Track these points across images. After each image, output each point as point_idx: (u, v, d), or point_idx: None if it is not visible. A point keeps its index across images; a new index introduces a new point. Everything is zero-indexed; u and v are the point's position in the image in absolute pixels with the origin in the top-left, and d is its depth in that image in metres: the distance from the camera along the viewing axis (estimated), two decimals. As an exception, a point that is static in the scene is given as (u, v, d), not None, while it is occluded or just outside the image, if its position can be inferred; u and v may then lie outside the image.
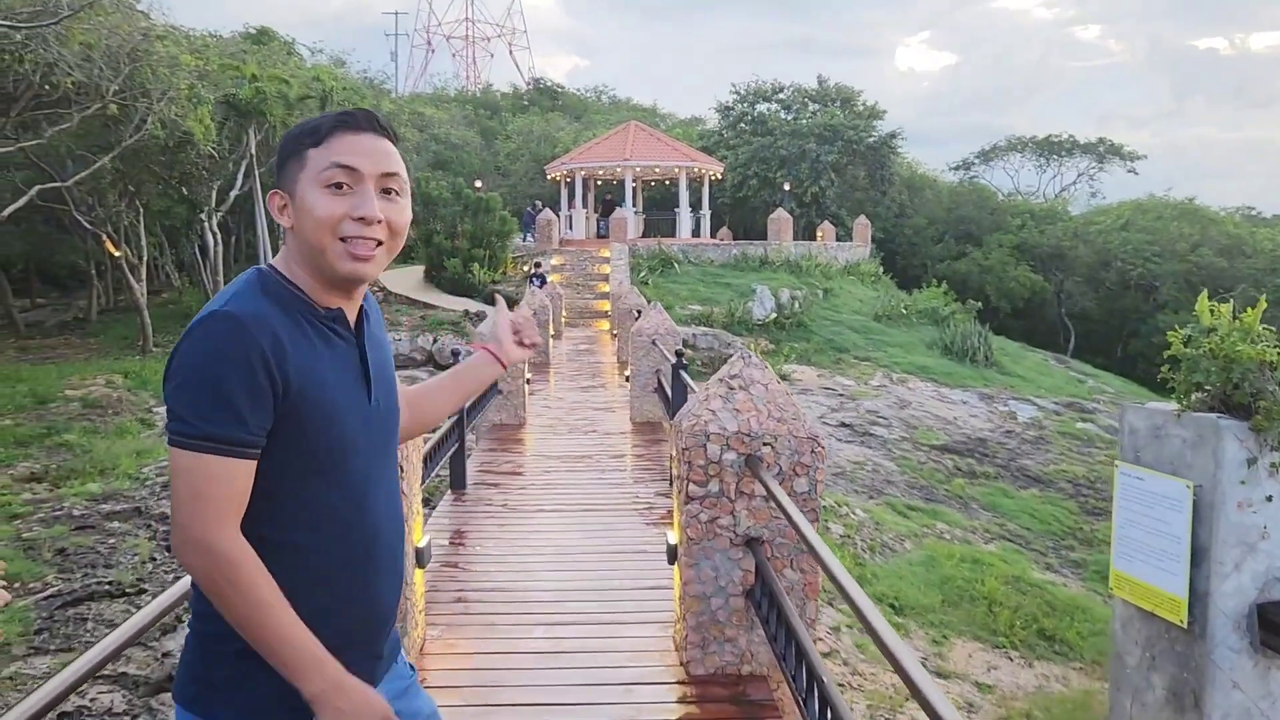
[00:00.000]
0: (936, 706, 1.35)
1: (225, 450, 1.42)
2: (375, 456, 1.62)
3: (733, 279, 26.03)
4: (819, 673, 2.21)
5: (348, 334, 1.61)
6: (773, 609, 2.87)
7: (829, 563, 1.99)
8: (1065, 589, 11.16)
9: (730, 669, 3.34)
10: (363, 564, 1.58)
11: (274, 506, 1.50)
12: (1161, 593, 4.05)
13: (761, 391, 3.28)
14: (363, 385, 1.61)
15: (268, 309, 1.49)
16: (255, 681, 1.49)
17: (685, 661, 3.39)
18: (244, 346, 1.42)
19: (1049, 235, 39.11)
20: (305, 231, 1.53)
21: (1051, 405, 19.32)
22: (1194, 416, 3.97)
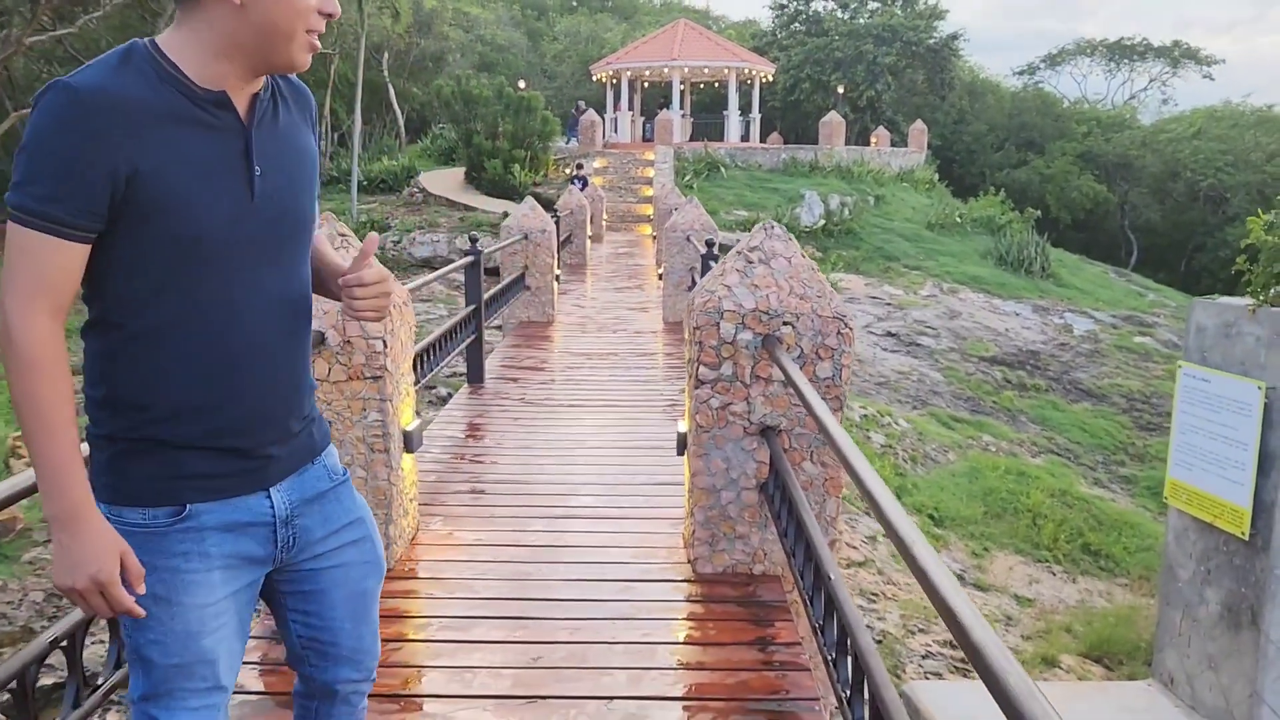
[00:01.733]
0: (942, 589, 1.06)
1: (41, 226, 1.35)
2: (258, 264, 1.51)
3: (781, 184, 25.32)
4: (826, 569, 1.94)
5: (231, 120, 1.47)
6: (784, 502, 2.59)
7: (847, 452, 1.70)
8: (1114, 504, 10.83)
9: (741, 568, 3.07)
10: (229, 362, 1.51)
11: (130, 296, 1.44)
12: (1223, 502, 3.73)
13: (784, 266, 2.94)
14: (244, 179, 1.48)
15: (124, 82, 1.38)
16: (122, 467, 1.50)
17: (693, 559, 3.13)
18: (77, 119, 1.33)
19: (1115, 144, 37.44)
20: (271, 15, 1.42)
21: (1109, 318, 18.65)
22: (1272, 312, 3.58)
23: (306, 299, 1.63)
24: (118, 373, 1.47)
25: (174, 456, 1.50)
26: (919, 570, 1.28)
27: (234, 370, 1.52)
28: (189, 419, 1.50)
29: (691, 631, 2.74)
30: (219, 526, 1.54)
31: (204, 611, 1.53)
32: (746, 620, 2.73)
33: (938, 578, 1.22)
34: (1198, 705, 3.87)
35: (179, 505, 1.50)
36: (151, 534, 1.50)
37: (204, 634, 1.54)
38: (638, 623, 2.83)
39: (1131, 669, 6.86)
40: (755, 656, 2.52)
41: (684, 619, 2.86)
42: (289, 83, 1.61)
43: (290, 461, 1.63)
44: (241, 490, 1.56)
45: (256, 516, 1.58)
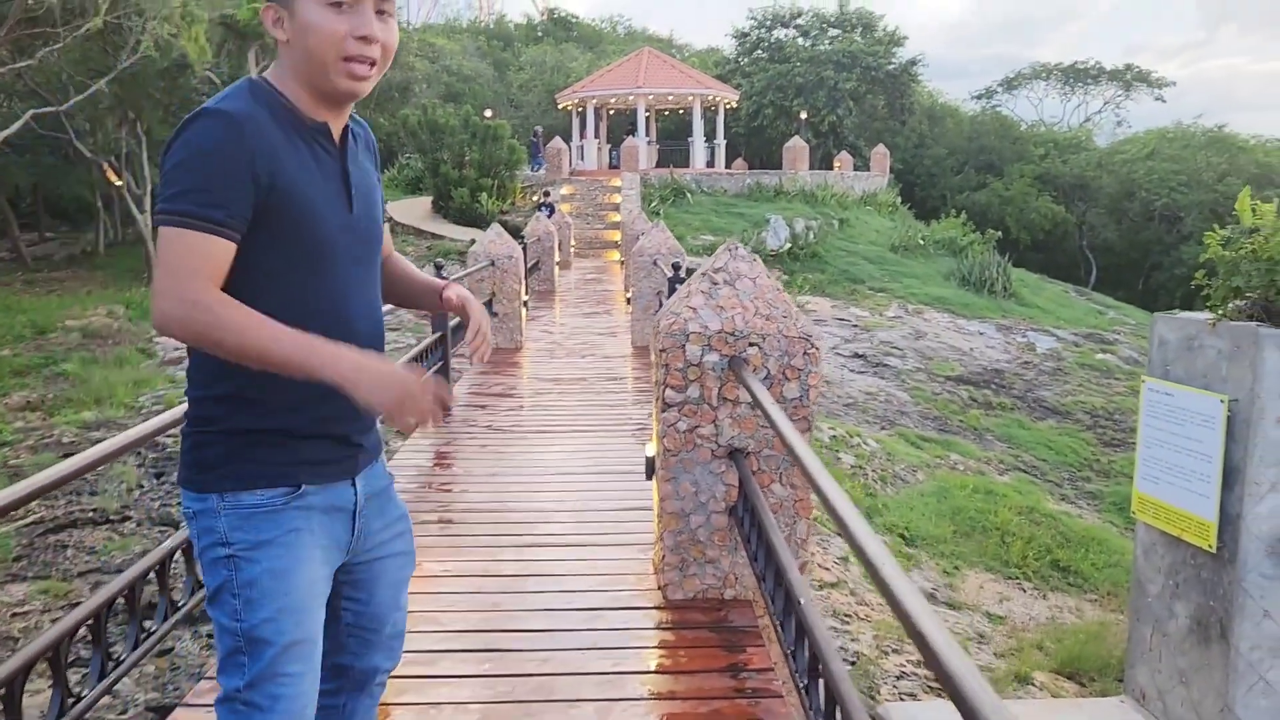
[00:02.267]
0: (913, 613, 1.04)
1: (203, 227, 1.52)
2: (355, 265, 1.73)
3: (746, 209, 25.52)
4: (796, 594, 1.91)
5: (331, 147, 1.70)
6: (754, 526, 2.57)
7: (814, 473, 1.68)
8: (1081, 520, 10.91)
9: (712, 593, 3.04)
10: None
11: (260, 297, 1.59)
12: (1189, 516, 3.75)
13: (749, 286, 2.93)
14: (344, 196, 1.71)
15: (258, 111, 1.60)
16: (243, 455, 1.66)
17: (663, 585, 3.09)
18: (231, 140, 1.54)
19: (1072, 165, 38.15)
20: (308, 48, 1.61)
21: (1070, 336, 18.90)
22: (1231, 325, 3.62)
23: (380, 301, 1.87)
24: (236, 371, 1.58)
25: (292, 444, 1.69)
26: (888, 593, 1.25)
27: None
28: (305, 408, 1.67)
29: (663, 660, 2.70)
30: (322, 508, 1.72)
31: (314, 588, 1.70)
32: (718, 646, 2.69)
33: (908, 601, 1.20)
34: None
35: (294, 485, 1.68)
36: (270, 511, 1.66)
37: (314, 609, 1.70)
38: (608, 652, 2.79)
39: (1103, 685, 6.89)
40: (727, 684, 2.48)
41: (655, 647, 2.81)
42: (358, 124, 1.82)
43: (368, 454, 1.83)
44: (339, 476, 1.76)
45: (346, 503, 1.77)
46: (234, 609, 1.64)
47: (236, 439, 1.67)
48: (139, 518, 7.70)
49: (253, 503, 1.65)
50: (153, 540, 7.29)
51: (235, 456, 1.67)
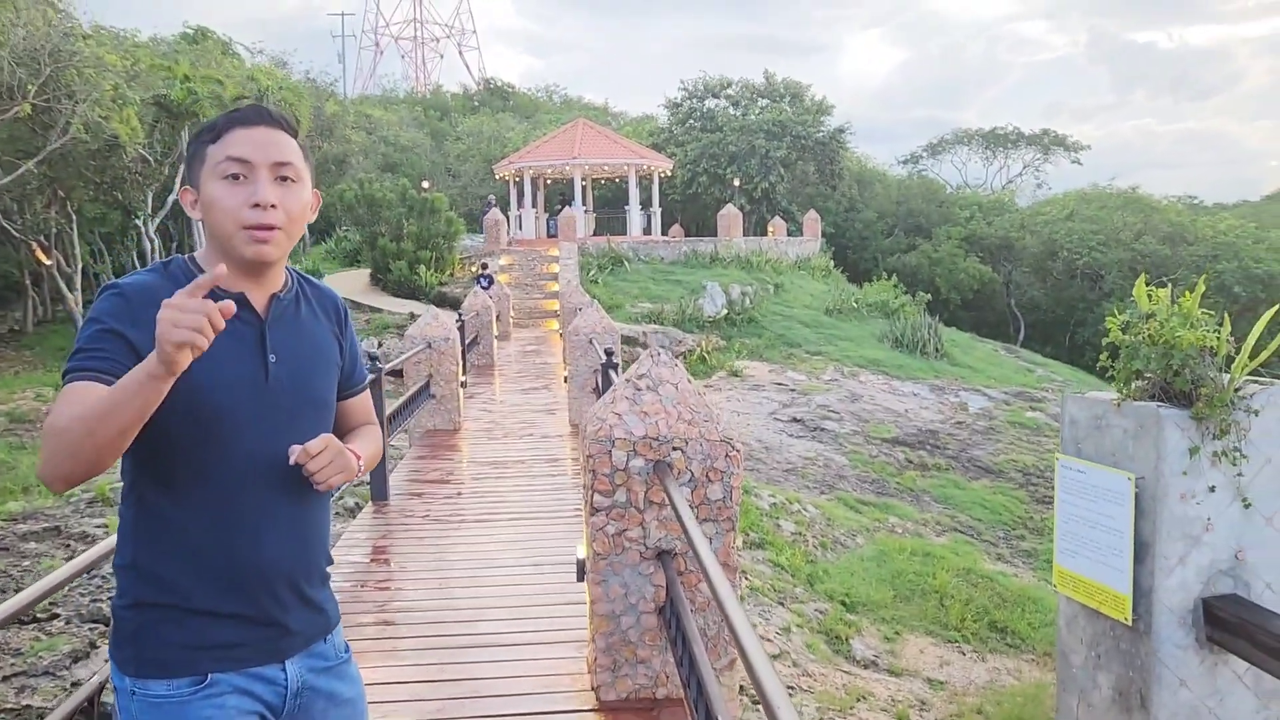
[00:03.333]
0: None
1: (79, 376, 1.55)
2: (271, 430, 1.68)
3: (683, 276, 25.86)
4: (715, 710, 1.98)
5: (250, 316, 1.71)
6: (679, 631, 2.63)
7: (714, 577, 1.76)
8: (1016, 579, 11.10)
9: (644, 692, 3.08)
10: (240, 530, 1.66)
11: (156, 467, 1.63)
12: (1106, 589, 3.89)
13: (671, 392, 3.03)
14: (259, 363, 1.70)
15: (160, 284, 1.64)
16: (149, 633, 1.63)
17: (596, 686, 3.13)
18: (115, 309, 1.61)
19: (997, 226, 39.45)
20: (213, 222, 1.68)
21: (1001, 395, 19.37)
22: (1134, 405, 3.80)
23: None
24: (140, 539, 1.63)
25: (195, 625, 1.63)
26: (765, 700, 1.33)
27: (246, 534, 1.66)
28: (206, 583, 1.64)
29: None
30: (237, 690, 1.66)
31: None
32: (650, 751, 2.74)
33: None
34: (1098, 790, 3.95)
35: (200, 675, 1.62)
36: (177, 704, 1.61)
37: None
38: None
39: (1042, 749, 7.00)
40: (659, 787, 2.53)
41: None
42: (314, 287, 1.87)
43: (305, 636, 1.76)
44: (259, 661, 1.68)
45: (271, 685, 1.70)
46: None
47: (144, 613, 1.64)
48: (68, 615, 7.47)
49: (159, 693, 1.61)
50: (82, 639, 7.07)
51: (143, 635, 1.64)
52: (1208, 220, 39.28)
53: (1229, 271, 33.24)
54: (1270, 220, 45.37)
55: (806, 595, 9.54)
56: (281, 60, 41.40)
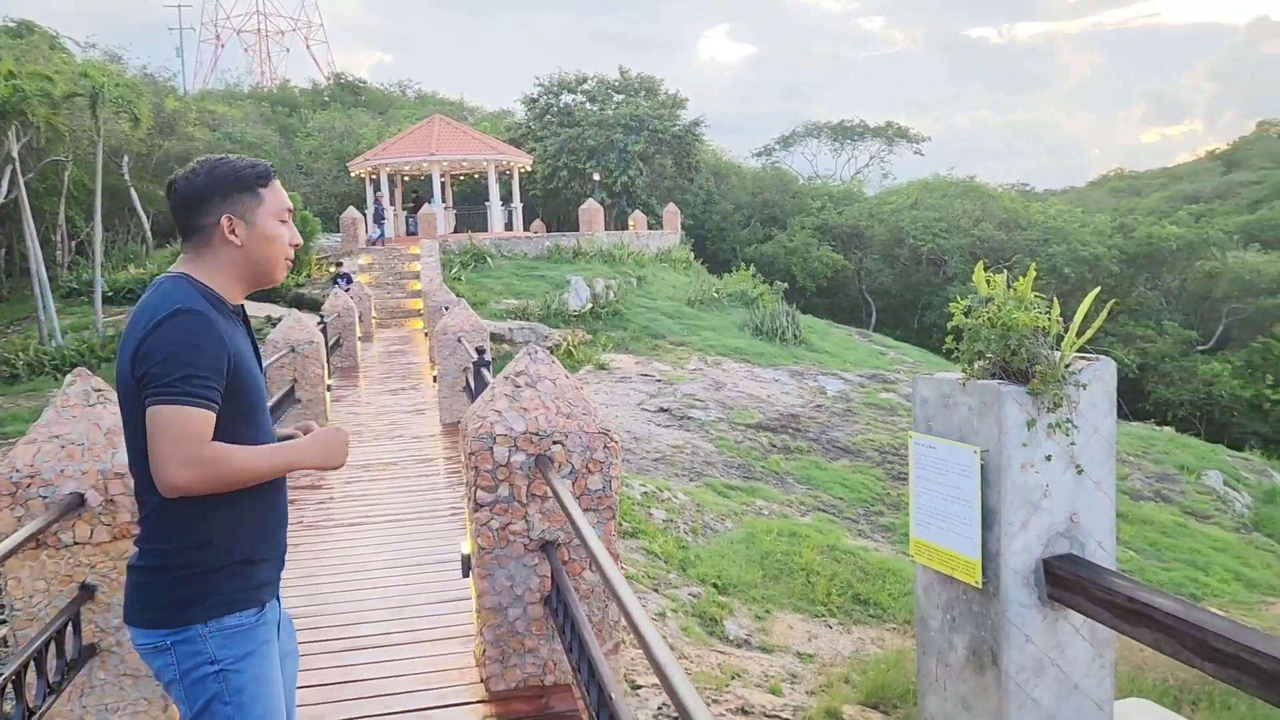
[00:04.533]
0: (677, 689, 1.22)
1: (201, 404, 1.96)
2: (266, 410, 2.22)
3: (547, 271, 25.85)
4: (607, 690, 2.07)
5: (244, 323, 2.21)
6: (567, 619, 2.72)
7: (603, 562, 1.86)
8: (877, 553, 11.62)
9: (533, 680, 3.15)
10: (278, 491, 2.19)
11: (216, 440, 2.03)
12: (957, 556, 4.15)
13: (550, 388, 3.11)
14: (256, 360, 2.21)
15: (207, 306, 2.05)
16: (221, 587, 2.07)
17: (485, 678, 3.18)
18: (209, 331, 2.00)
19: (847, 216, 40.95)
20: (262, 249, 2.15)
21: (857, 378, 20.16)
22: (977, 384, 4.06)
23: None
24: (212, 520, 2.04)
25: (252, 573, 2.12)
26: (660, 672, 1.43)
27: (277, 504, 2.19)
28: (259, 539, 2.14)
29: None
30: (273, 622, 2.19)
31: (279, 687, 2.15)
32: (541, 737, 2.82)
33: (677, 682, 1.38)
34: (957, 743, 4.21)
35: (259, 606, 2.14)
36: (247, 630, 2.08)
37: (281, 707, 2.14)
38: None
39: (905, 710, 7.38)
40: (550, 772, 2.60)
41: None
42: None
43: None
44: (275, 594, 2.22)
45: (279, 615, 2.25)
46: (227, 714, 2.02)
47: (214, 575, 2.06)
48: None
49: (232, 624, 2.05)
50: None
51: (216, 590, 2.05)
52: (1039, 206, 41.85)
53: (1059, 254, 35.52)
54: (1094, 205, 48.73)
55: (680, 580, 9.74)
56: (115, 55, 39.19)
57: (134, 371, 1.96)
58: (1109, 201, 55.40)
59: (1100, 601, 3.74)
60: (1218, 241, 38.21)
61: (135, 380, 1.96)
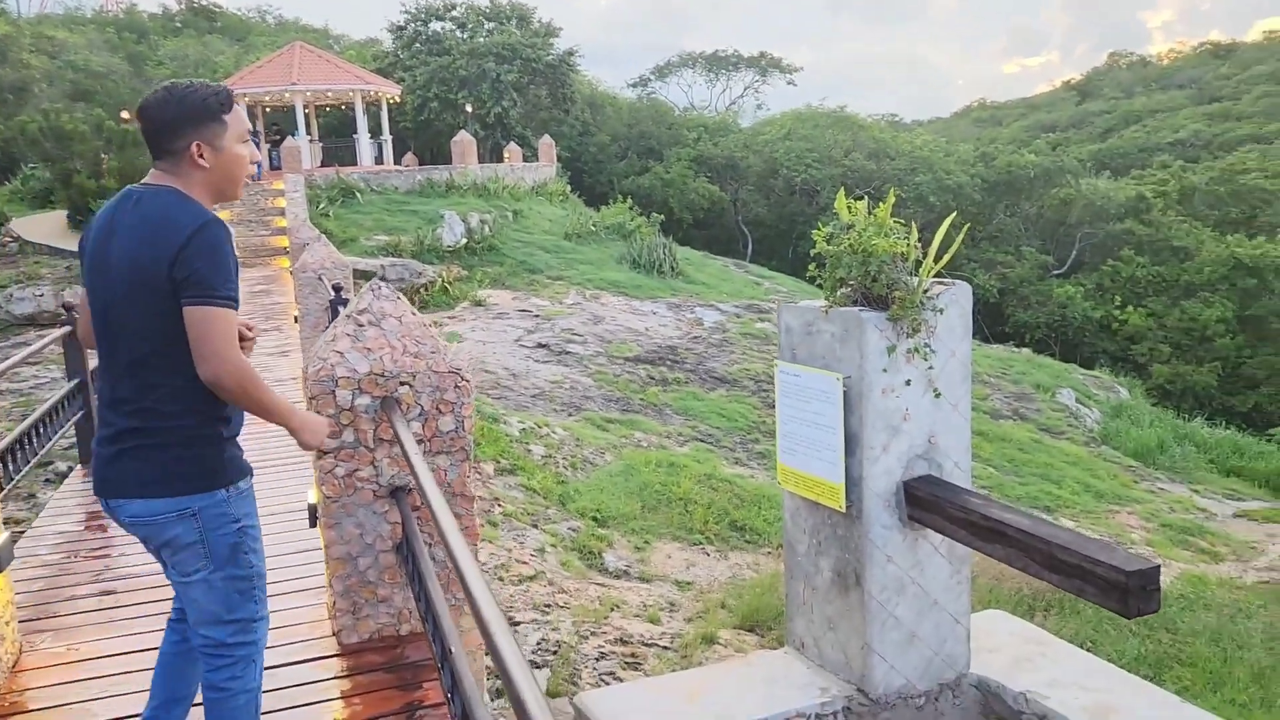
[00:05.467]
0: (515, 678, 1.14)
1: (234, 305, 2.34)
2: None
3: (419, 206, 25.12)
4: (449, 644, 1.98)
5: None
6: (416, 568, 2.60)
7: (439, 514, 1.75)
8: (752, 480, 11.85)
9: (388, 630, 3.03)
10: None
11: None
12: (822, 482, 4.19)
13: (395, 326, 2.94)
14: None
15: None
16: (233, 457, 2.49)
17: (337, 631, 3.04)
18: (231, 242, 2.34)
19: (722, 147, 41.06)
20: (229, 170, 2.44)
21: (733, 309, 20.38)
22: (839, 311, 4.07)
23: None
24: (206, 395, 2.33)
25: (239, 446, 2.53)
26: (477, 613, 1.34)
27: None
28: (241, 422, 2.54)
29: (339, 712, 2.66)
30: None
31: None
32: (394, 687, 2.70)
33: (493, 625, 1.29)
34: (825, 664, 4.31)
35: (251, 473, 2.57)
36: (250, 491, 2.52)
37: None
38: (283, 715, 2.69)
39: (779, 632, 7.58)
40: (404, 727, 2.51)
41: (332, 699, 2.75)
42: None
43: None
44: None
45: None
46: (249, 560, 2.43)
47: (227, 446, 2.45)
48: None
49: (243, 487, 2.49)
50: None
51: (231, 459, 2.47)
52: (906, 137, 42.84)
53: (925, 183, 36.53)
54: (959, 135, 50.21)
55: (559, 515, 9.73)
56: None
57: (172, 273, 2.22)
58: (972, 131, 57.24)
59: (957, 521, 3.84)
60: (1072, 169, 39.94)
61: (173, 281, 2.22)
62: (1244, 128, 54.46)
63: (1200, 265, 33.50)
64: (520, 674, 1.20)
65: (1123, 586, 3.22)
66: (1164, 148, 51.87)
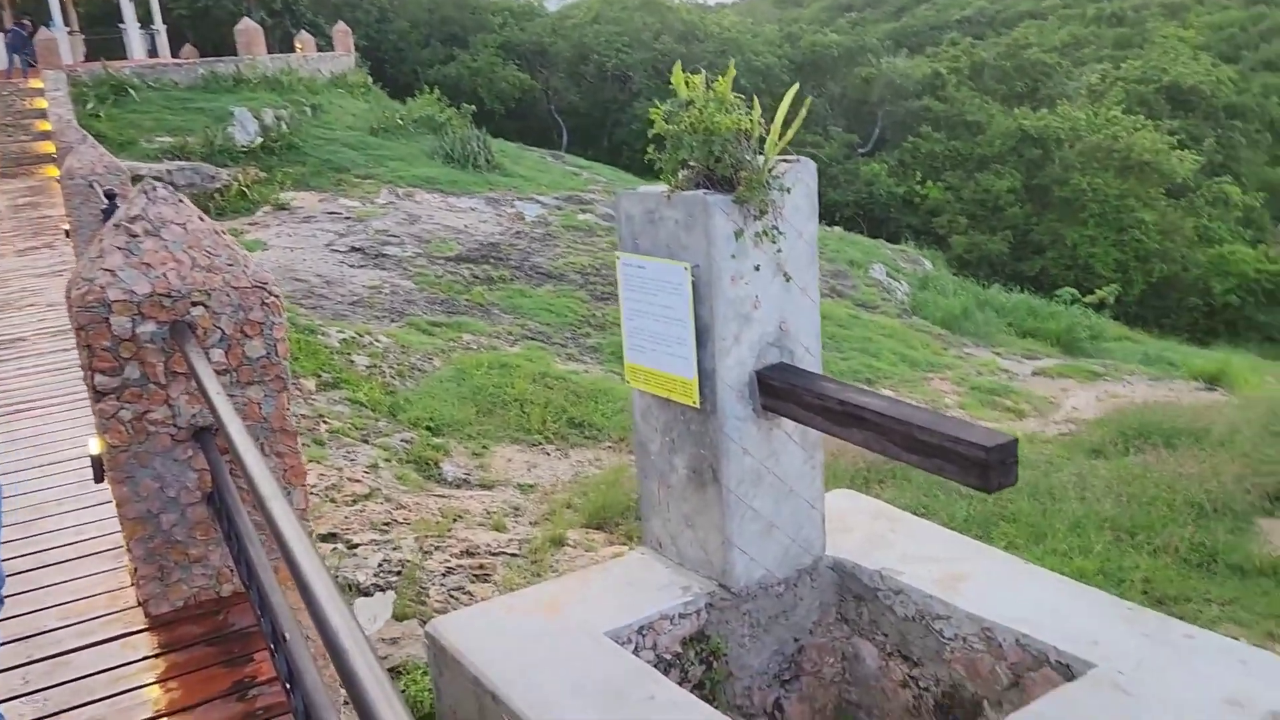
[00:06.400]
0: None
1: None
2: None
3: (205, 103, 23.02)
4: (270, 600, 1.64)
5: None
6: (230, 522, 2.21)
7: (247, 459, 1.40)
8: (587, 375, 11.71)
9: (206, 594, 2.62)
10: None
11: None
12: (674, 378, 4.01)
13: (179, 235, 2.44)
14: None
15: None
16: None
17: (143, 600, 2.61)
18: None
19: (530, 33, 39.65)
20: None
21: (554, 201, 19.91)
22: (683, 196, 3.83)
23: None
24: None
25: None
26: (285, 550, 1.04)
27: None
28: None
29: (154, 700, 2.24)
30: None
31: None
32: (219, 663, 2.31)
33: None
34: (685, 562, 4.22)
35: None
36: None
37: None
38: (81, 712, 2.24)
39: (627, 526, 7.52)
40: (234, 710, 2.14)
41: (144, 685, 2.32)
42: None
43: None
44: None
45: None
46: None
47: None
48: None
49: None
50: None
51: None
52: (714, 18, 42.54)
53: (735, 65, 36.53)
54: (762, 16, 50.34)
55: (390, 427, 9.31)
56: None
57: None
58: (774, 13, 57.51)
59: (813, 408, 3.73)
60: (872, 48, 40.94)
61: None
62: (1023, 4, 57.27)
63: (991, 138, 35.26)
64: (374, 688, 0.90)
65: (983, 463, 3.20)
66: (953, 25, 53.92)
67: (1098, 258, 30.68)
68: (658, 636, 3.83)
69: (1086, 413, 12.95)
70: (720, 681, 4.02)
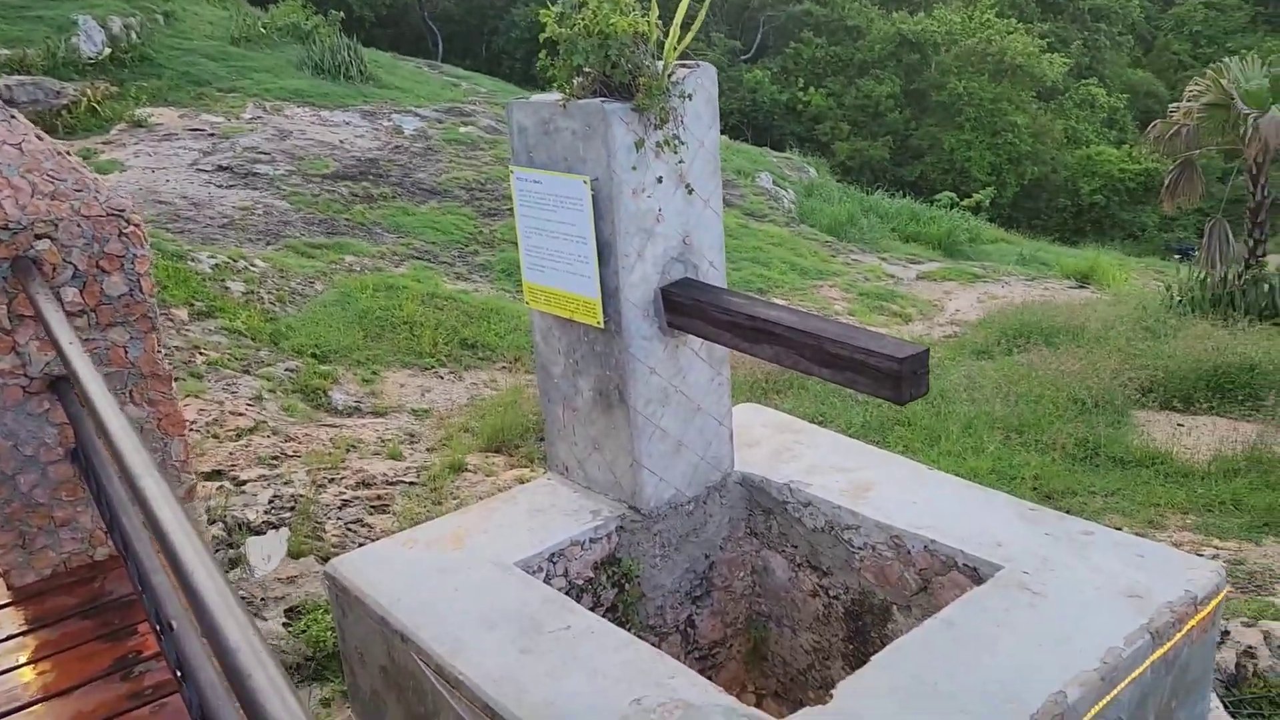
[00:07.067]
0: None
1: None
2: None
3: (44, 10, 21.13)
4: (146, 572, 1.44)
5: None
6: (95, 479, 1.98)
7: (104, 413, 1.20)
8: (477, 294, 11.43)
9: (77, 560, 2.36)
10: None
11: None
12: (576, 297, 3.86)
13: (14, 157, 2.13)
14: None
15: None
16: None
17: (4, 572, 2.35)
18: None
19: (397, -69, 37.62)
20: None
21: (433, 113, 19.16)
22: (579, 104, 3.63)
23: None
24: None
25: None
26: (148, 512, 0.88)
27: None
28: None
29: (25, 684, 2.00)
30: None
31: None
32: (98, 637, 2.08)
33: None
34: (593, 485, 4.15)
35: None
36: None
37: None
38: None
39: (527, 449, 7.41)
40: (118, 692, 1.92)
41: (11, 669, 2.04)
42: None
43: None
44: None
45: None
46: None
47: None
48: None
49: None
50: None
51: None
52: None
53: (616, -30, 35.53)
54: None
55: (273, 356, 8.92)
56: None
57: None
58: (657, -87, 55.92)
59: (721, 324, 3.64)
60: (753, -50, 40.31)
61: None
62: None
63: (871, 43, 35.42)
64: (269, 690, 0.75)
65: (896, 374, 3.16)
66: (834, -72, 53.44)
67: (974, 161, 31.45)
68: (569, 563, 3.75)
69: (969, 315, 13.34)
70: (633, 603, 3.98)
